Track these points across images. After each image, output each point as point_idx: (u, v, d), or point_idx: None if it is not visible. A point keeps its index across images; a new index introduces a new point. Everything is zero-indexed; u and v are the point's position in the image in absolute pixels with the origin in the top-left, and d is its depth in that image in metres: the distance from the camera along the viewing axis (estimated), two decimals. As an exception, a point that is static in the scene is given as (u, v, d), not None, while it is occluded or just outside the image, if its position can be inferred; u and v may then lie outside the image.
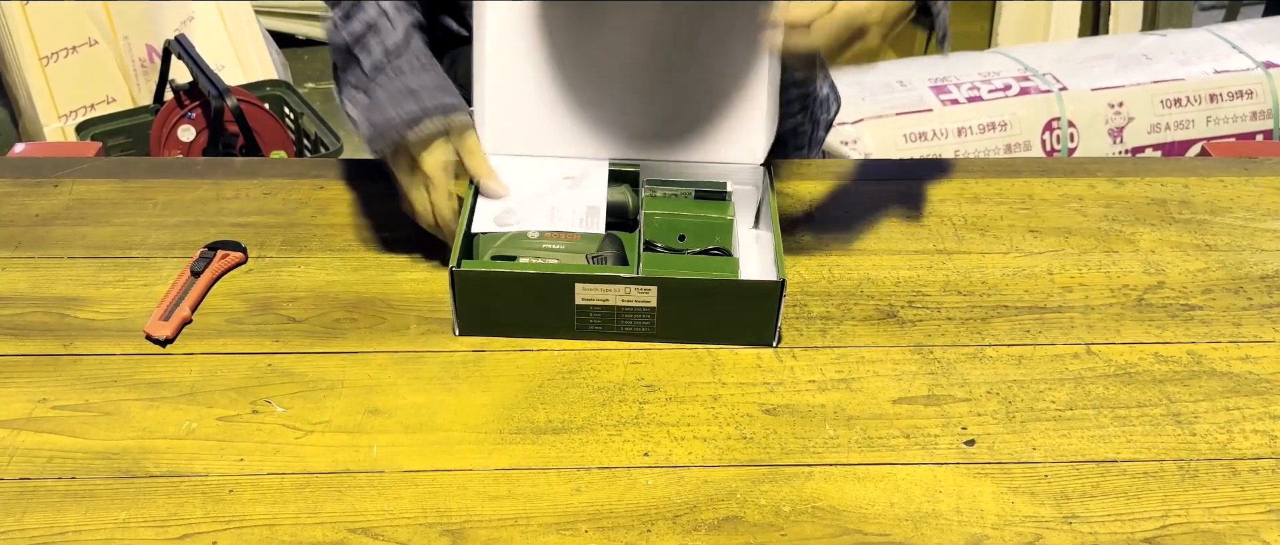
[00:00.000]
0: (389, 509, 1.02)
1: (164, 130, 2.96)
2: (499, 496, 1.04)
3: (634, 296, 1.18)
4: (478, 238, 1.24)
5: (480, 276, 1.18)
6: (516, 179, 1.30)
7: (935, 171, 1.56)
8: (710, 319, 1.20)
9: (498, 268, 1.20)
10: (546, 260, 1.22)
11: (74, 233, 1.39)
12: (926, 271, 1.36)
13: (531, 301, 1.19)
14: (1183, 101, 3.17)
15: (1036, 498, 1.05)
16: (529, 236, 1.24)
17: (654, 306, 1.19)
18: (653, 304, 1.18)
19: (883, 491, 1.06)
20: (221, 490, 1.04)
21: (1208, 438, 1.13)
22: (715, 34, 1.29)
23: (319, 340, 1.23)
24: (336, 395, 1.15)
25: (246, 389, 1.16)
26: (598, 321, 1.20)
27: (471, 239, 1.24)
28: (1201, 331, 1.27)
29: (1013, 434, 1.12)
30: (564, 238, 1.24)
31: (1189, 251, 1.40)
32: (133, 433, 1.10)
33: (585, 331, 1.21)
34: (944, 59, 3.40)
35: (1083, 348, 1.24)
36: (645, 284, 1.18)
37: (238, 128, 2.90)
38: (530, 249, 1.23)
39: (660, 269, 1.20)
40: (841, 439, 1.11)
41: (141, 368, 1.19)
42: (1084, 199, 1.51)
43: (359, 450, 1.09)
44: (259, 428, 1.11)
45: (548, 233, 1.24)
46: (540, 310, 1.20)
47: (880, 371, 1.20)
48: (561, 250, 1.23)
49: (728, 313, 1.20)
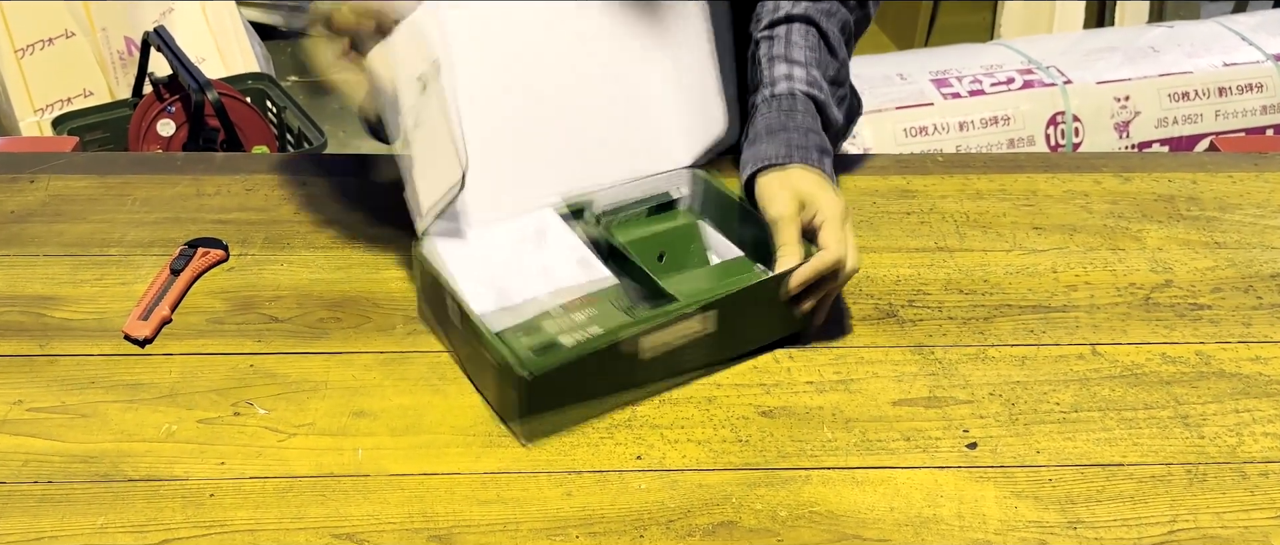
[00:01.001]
0: (374, 514, 1.02)
1: (143, 125, 2.96)
2: (488, 501, 1.04)
3: (695, 328, 1.14)
4: (503, 335, 1.13)
5: (558, 371, 1.08)
6: (480, 251, 1.22)
7: (936, 167, 1.56)
8: (759, 323, 1.19)
9: (568, 354, 1.10)
10: (591, 328, 1.15)
11: (50, 230, 1.39)
12: (927, 269, 1.36)
13: (598, 375, 1.12)
14: (1191, 95, 3.18)
15: (1040, 502, 1.05)
16: (552, 313, 1.17)
17: (714, 331, 1.15)
18: (714, 329, 1.15)
19: (882, 496, 1.06)
20: (202, 494, 1.04)
21: (1217, 441, 1.13)
22: (615, 46, 1.29)
23: (302, 340, 1.22)
24: (320, 397, 1.15)
25: (228, 390, 1.16)
26: (660, 367, 1.15)
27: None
28: (1210, 331, 1.27)
29: (1016, 437, 1.12)
30: (586, 302, 1.18)
31: (1197, 249, 1.40)
32: (111, 435, 1.10)
33: (650, 379, 1.16)
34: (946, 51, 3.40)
35: (1088, 348, 1.24)
36: (706, 311, 1.14)
37: (219, 122, 2.90)
38: (566, 326, 1.15)
39: (704, 290, 1.18)
40: (840, 442, 1.11)
41: (120, 369, 1.18)
42: (1089, 195, 1.51)
43: (343, 453, 1.09)
44: (241, 430, 1.11)
45: (569, 302, 1.18)
46: (606, 380, 1.13)
47: (880, 372, 1.20)
48: (595, 314, 1.17)
49: (770, 312, 1.19)
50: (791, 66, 1.32)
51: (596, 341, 1.10)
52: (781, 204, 1.22)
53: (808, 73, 1.32)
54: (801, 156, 1.26)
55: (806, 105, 1.31)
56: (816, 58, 1.33)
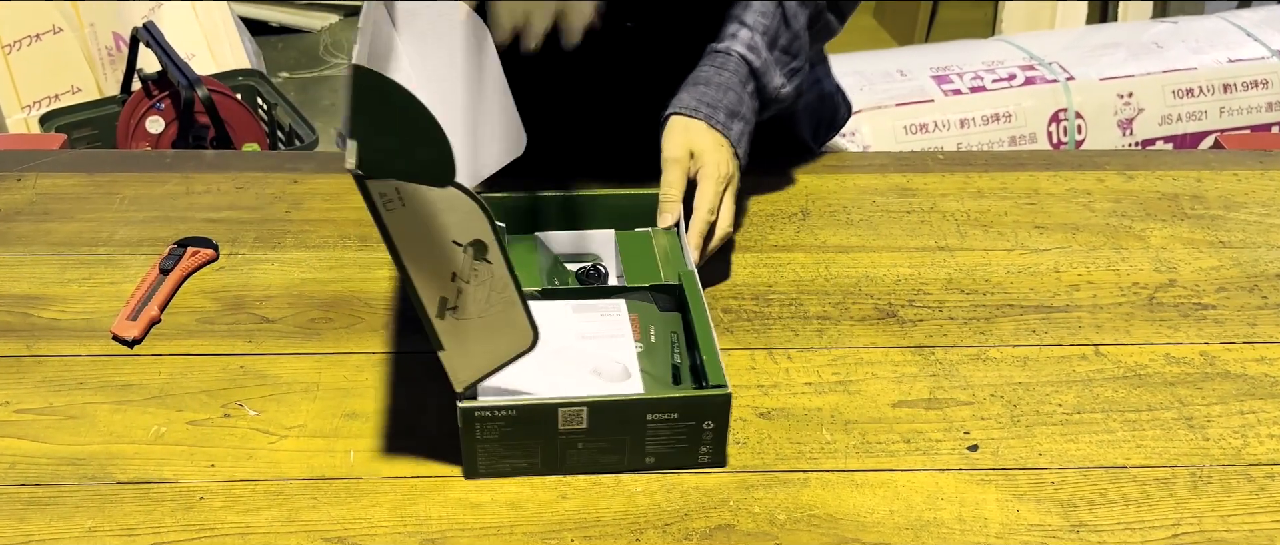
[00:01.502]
0: (366, 517, 1.02)
1: (131, 122, 2.96)
2: (481, 504, 1.04)
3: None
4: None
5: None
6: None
7: (937, 165, 1.57)
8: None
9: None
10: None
11: (38, 229, 1.38)
12: (928, 269, 1.36)
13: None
14: (1195, 92, 3.18)
15: (1042, 506, 1.05)
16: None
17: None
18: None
19: (882, 499, 1.05)
20: (191, 497, 1.04)
21: (1222, 443, 1.13)
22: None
23: (293, 341, 1.22)
24: (312, 398, 1.15)
25: (218, 392, 1.16)
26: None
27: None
28: (1215, 332, 1.27)
29: (1018, 439, 1.12)
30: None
31: (1202, 248, 1.41)
32: (99, 437, 1.10)
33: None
34: (947, 47, 3.40)
35: (1091, 349, 1.24)
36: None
37: (208, 119, 2.89)
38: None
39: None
40: (839, 444, 1.11)
41: (108, 370, 1.18)
42: (1092, 193, 1.51)
43: (335, 455, 1.09)
44: (231, 432, 1.11)
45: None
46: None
47: (879, 373, 1.20)
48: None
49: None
50: (739, 26, 1.38)
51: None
52: (672, 148, 1.31)
53: (752, 36, 1.37)
54: (708, 114, 1.33)
55: (738, 66, 1.36)
56: (767, 25, 1.38)
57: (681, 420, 1.04)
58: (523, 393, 1.05)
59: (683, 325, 1.17)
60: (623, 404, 1.04)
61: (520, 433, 1.04)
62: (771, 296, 1.30)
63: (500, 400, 1.03)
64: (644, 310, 1.18)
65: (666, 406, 1.04)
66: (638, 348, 1.13)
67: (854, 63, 3.19)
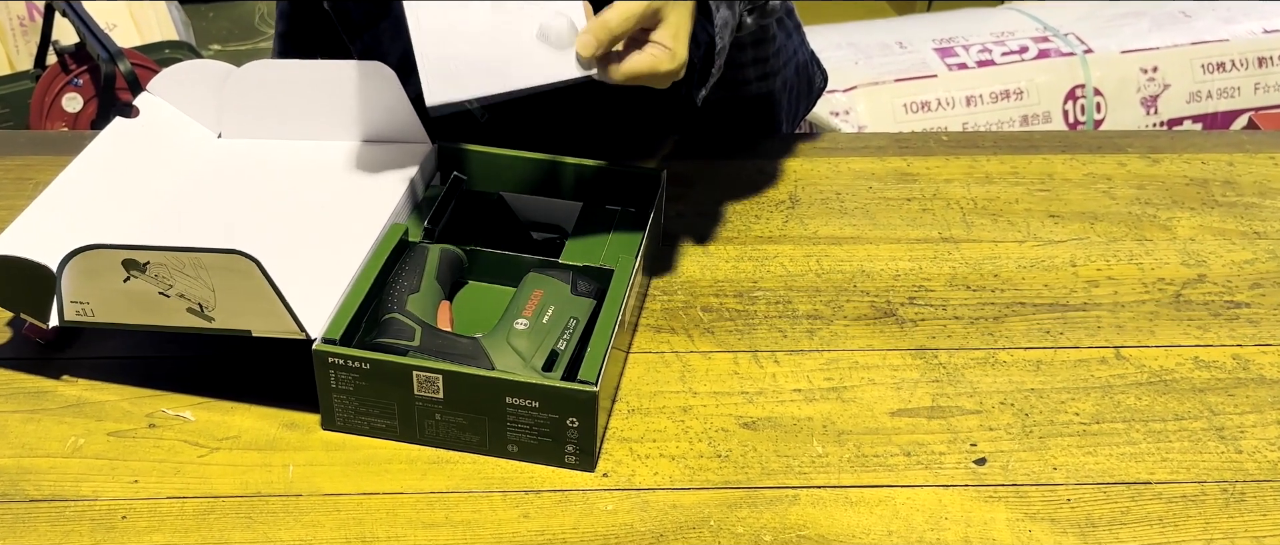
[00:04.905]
0: (306, 538, 1.02)
1: (46, 99, 2.95)
2: (434, 523, 1.04)
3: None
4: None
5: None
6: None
7: (940, 147, 1.57)
8: None
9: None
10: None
11: (-61, 218, 1.38)
12: (930, 263, 1.36)
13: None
14: (1227, 66, 3.19)
15: (1057, 525, 1.06)
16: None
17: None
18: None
19: (880, 518, 1.06)
20: (112, 517, 1.04)
21: (1256, 456, 1.13)
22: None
23: (227, 341, 1.22)
24: (246, 406, 1.15)
25: (142, 399, 1.15)
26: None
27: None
28: (1249, 333, 1.28)
29: (1030, 451, 1.13)
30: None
31: (1234, 240, 1.41)
32: (10, 450, 1.10)
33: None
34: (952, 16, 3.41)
35: (1111, 352, 1.25)
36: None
37: (132, 96, 2.89)
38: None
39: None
40: (831, 457, 1.12)
41: (20, 375, 1.18)
42: (1112, 179, 1.51)
43: (272, 470, 1.09)
44: (156, 444, 1.11)
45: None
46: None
47: (876, 379, 1.21)
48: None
49: None
50: None
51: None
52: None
53: None
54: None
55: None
56: None
57: (543, 412, 1.07)
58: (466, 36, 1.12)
59: (592, 317, 1.18)
60: (476, 379, 1.07)
61: (373, 388, 1.09)
62: (757, 293, 1.31)
63: (354, 350, 1.08)
64: (552, 288, 1.19)
65: (525, 392, 1.06)
66: (521, 325, 1.15)
67: (848, 33, 3.19)
